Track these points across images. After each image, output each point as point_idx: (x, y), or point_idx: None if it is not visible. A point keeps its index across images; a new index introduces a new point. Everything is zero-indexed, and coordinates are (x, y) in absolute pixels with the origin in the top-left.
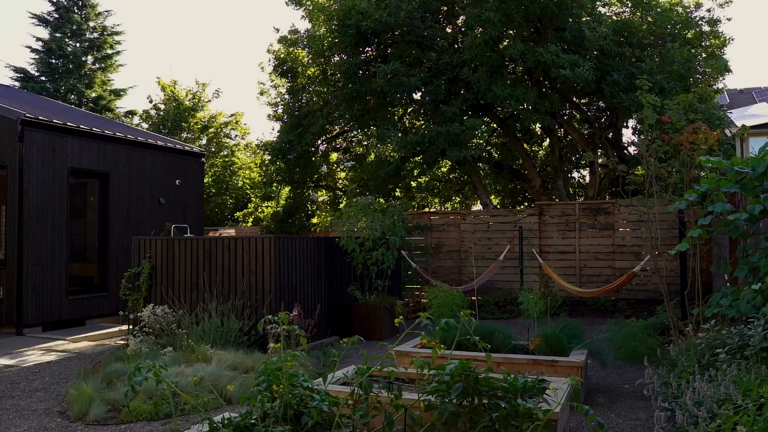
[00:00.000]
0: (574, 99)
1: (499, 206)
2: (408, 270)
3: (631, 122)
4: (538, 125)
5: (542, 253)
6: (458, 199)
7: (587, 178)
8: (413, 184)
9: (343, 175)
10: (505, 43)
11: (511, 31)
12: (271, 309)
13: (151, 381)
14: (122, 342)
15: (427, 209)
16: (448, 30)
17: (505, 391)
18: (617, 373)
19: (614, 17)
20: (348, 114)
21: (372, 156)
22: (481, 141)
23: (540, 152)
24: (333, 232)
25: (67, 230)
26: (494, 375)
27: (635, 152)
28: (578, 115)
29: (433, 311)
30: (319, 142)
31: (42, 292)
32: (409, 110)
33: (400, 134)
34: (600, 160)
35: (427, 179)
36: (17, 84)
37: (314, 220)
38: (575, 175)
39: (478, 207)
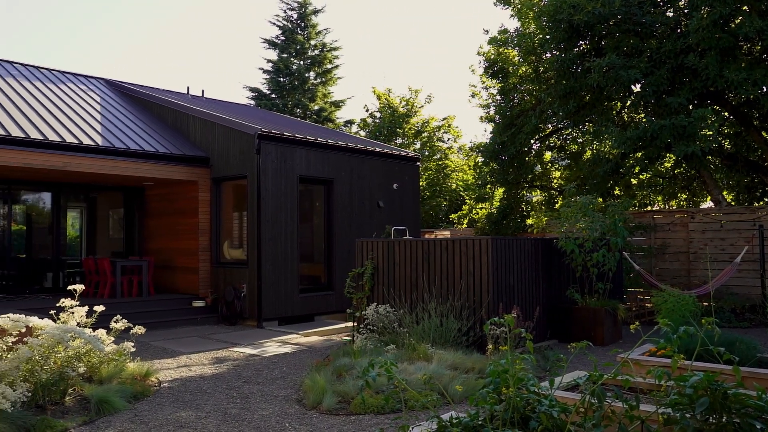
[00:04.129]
0: None
1: (733, 203)
2: (630, 272)
3: None
4: None
5: None
6: (684, 196)
7: None
8: (633, 181)
9: (558, 174)
10: (738, 21)
11: (744, 7)
12: (489, 310)
13: (382, 377)
14: (347, 338)
15: (649, 208)
16: (669, 14)
17: (759, 410)
18: None
19: None
20: (562, 111)
21: (588, 153)
22: (711, 132)
23: None
24: (549, 233)
25: (297, 233)
26: (744, 391)
27: None
28: None
29: (662, 317)
30: (533, 141)
31: (277, 289)
32: (627, 104)
33: (618, 129)
34: None
35: (648, 176)
36: (252, 102)
37: (529, 221)
38: None
39: (707, 204)
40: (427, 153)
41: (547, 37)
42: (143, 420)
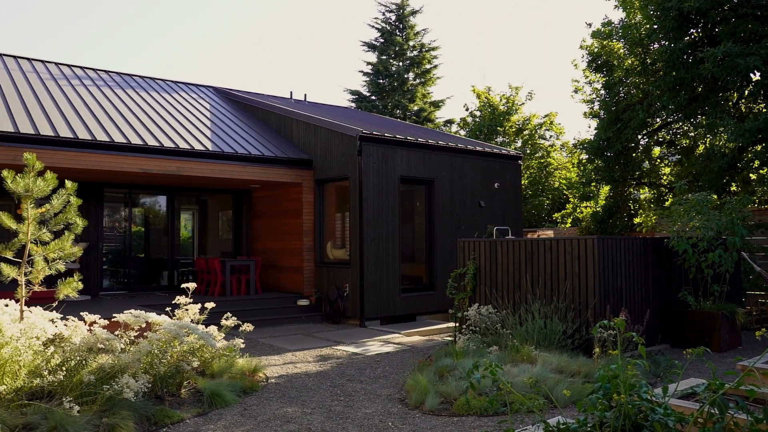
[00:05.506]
0: None
1: None
2: (749, 274)
3: None
4: None
5: None
6: None
7: None
8: (752, 176)
9: (667, 170)
10: None
11: None
12: (595, 312)
13: (486, 379)
14: (449, 338)
15: None
16: None
17: None
18: None
19: None
20: (672, 104)
21: (701, 148)
22: None
23: None
24: (658, 233)
25: (398, 233)
26: None
27: None
28: None
29: None
30: (640, 136)
31: (379, 289)
32: (745, 93)
33: (735, 121)
34: None
35: None
36: (353, 105)
37: (637, 220)
38: None
39: None
40: (528, 151)
41: (655, 26)
42: (252, 414)
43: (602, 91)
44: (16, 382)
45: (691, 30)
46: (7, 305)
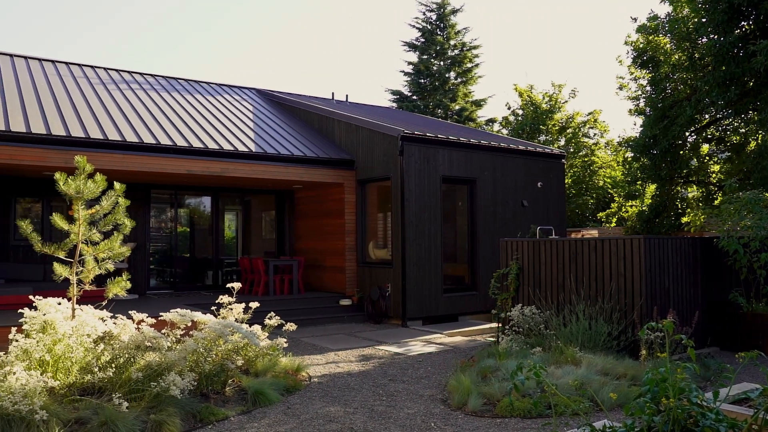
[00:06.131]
0: None
1: None
2: None
3: None
4: None
5: None
6: None
7: None
8: None
9: (716, 168)
10: None
11: None
12: (642, 314)
13: (530, 380)
14: (492, 339)
15: None
16: None
17: None
18: None
19: None
20: (721, 100)
21: (752, 144)
22: None
23: None
24: (707, 232)
25: (440, 233)
26: None
27: None
28: None
29: None
30: (688, 133)
31: (421, 289)
32: None
33: None
34: None
35: None
36: (394, 105)
37: (684, 219)
38: None
39: None
40: (572, 149)
41: (703, 20)
42: (295, 413)
43: (648, 88)
44: (69, 378)
45: (742, 23)
46: (59, 303)
